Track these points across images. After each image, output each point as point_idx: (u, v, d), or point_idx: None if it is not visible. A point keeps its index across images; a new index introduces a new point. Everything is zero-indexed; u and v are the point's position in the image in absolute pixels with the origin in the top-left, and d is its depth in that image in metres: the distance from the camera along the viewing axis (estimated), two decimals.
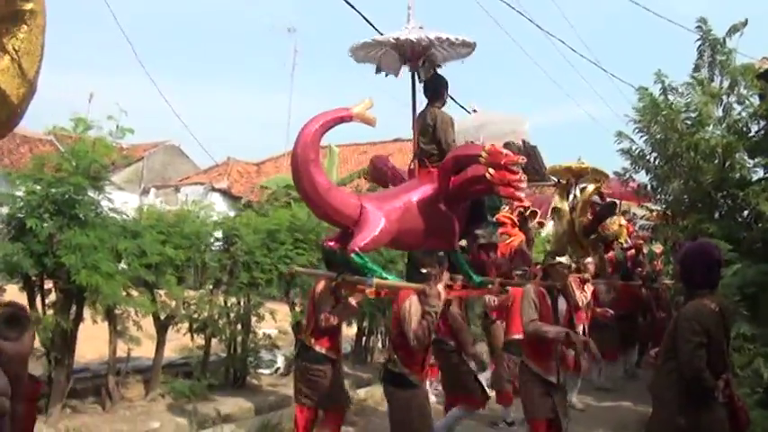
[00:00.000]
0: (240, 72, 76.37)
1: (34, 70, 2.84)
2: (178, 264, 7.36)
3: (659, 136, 8.62)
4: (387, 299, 6.77)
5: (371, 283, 5.06)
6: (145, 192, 24.14)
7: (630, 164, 9.18)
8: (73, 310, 6.50)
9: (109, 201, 6.72)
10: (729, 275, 6.73)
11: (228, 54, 77.14)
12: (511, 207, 7.97)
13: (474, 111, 7.69)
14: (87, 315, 6.73)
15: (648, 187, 9.35)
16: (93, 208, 6.44)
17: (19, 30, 2.73)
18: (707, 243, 4.96)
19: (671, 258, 10.60)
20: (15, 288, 6.46)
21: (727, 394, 4.11)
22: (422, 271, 5.12)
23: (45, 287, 6.53)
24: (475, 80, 7.21)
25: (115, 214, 6.80)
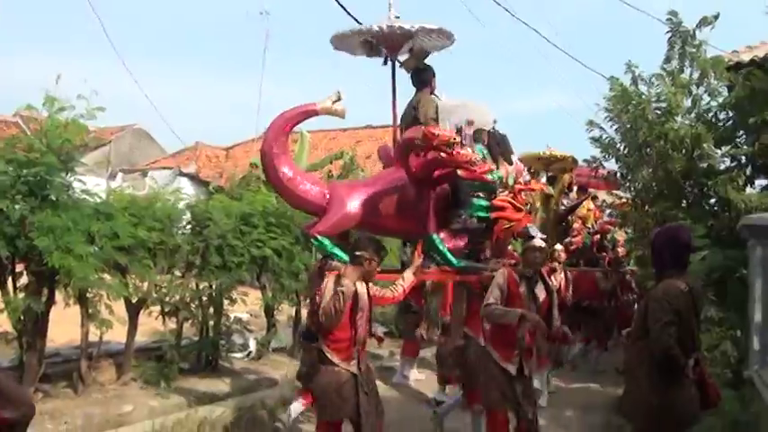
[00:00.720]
0: (210, 56, 75.36)
1: None
2: (150, 246, 7.30)
3: (629, 125, 8.74)
4: None
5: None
6: (112, 176, 23.75)
7: (600, 152, 9.30)
8: (45, 293, 6.42)
9: (81, 182, 6.64)
10: (698, 261, 6.90)
11: (198, 37, 76.11)
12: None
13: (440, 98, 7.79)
14: (59, 298, 6.66)
15: (618, 175, 9.50)
16: (65, 189, 6.35)
17: None
18: (676, 226, 5.10)
19: (633, 246, 10.85)
20: None
21: (697, 372, 4.23)
22: (355, 253, 5.15)
23: (16, 270, 6.44)
24: (446, 68, 7.27)
25: (87, 196, 6.72)
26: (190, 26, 74.64)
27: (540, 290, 5.48)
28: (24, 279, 6.41)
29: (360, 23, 8.41)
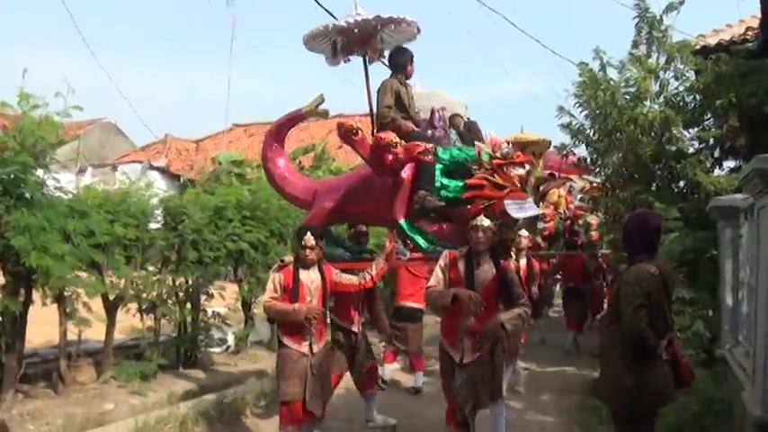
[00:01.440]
0: (177, 47, 74.62)
1: None
2: (126, 243, 7.27)
3: (599, 111, 8.85)
4: None
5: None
6: (81, 171, 23.47)
7: (571, 137, 9.40)
8: (22, 293, 6.36)
9: (55, 180, 6.58)
10: (669, 243, 7.04)
11: (164, 29, 75.23)
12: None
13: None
14: (36, 298, 6.60)
15: (588, 160, 9.60)
16: (39, 188, 6.25)
17: None
18: (646, 211, 5.21)
19: (606, 230, 11.02)
20: None
21: (670, 352, 4.34)
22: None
23: None
24: (416, 55, 7.29)
25: (61, 194, 6.66)
26: (157, 16, 73.75)
27: (486, 270, 5.22)
28: (1, 279, 6.34)
29: (329, 12, 8.46)
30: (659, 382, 4.30)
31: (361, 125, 6.03)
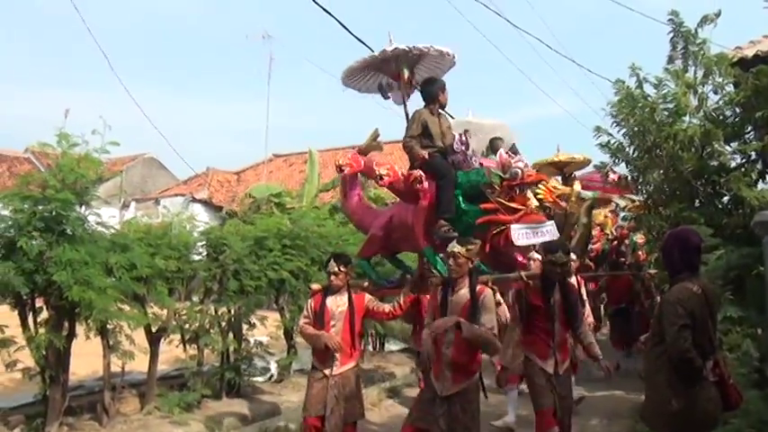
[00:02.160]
0: (216, 81, 76.04)
1: None
2: (168, 275, 7.37)
3: (637, 128, 8.71)
4: None
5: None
6: (125, 206, 23.98)
7: (610, 157, 9.27)
8: (65, 327, 6.48)
9: (96, 215, 6.71)
10: (714, 260, 6.86)
11: (203, 64, 76.82)
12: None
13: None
14: (80, 331, 6.72)
15: (629, 178, 9.45)
16: (81, 223, 6.42)
17: None
18: (685, 229, 5.08)
19: (651, 248, 10.80)
20: (7, 308, 6.46)
21: (717, 373, 4.21)
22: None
23: (36, 305, 6.51)
24: (452, 80, 7.37)
25: (103, 228, 6.80)
26: (193, 53, 75.30)
27: (462, 296, 5.17)
28: (45, 314, 6.47)
29: (361, 41, 8.56)
30: (706, 405, 4.16)
31: (348, 160, 6.20)
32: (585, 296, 8.89)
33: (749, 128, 8.38)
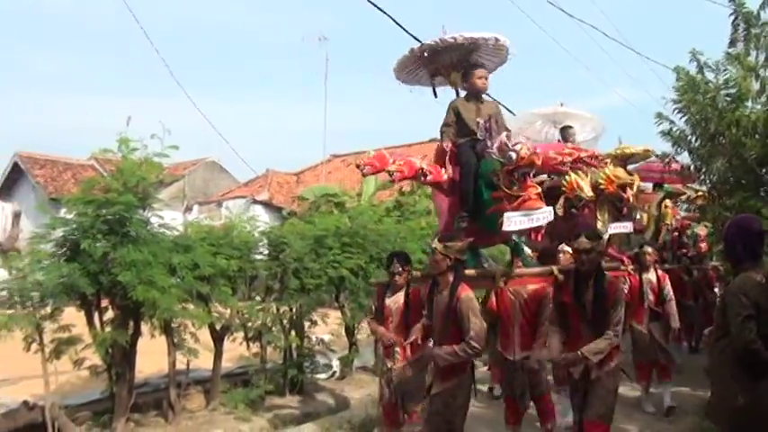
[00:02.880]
0: (274, 84, 77.08)
1: None
2: (230, 274, 7.52)
3: (699, 115, 8.48)
4: None
5: None
6: (188, 209, 24.46)
7: (672, 145, 9.04)
8: (131, 326, 6.68)
9: (159, 217, 6.89)
10: None
11: (260, 67, 77.93)
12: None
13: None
14: (145, 330, 6.91)
15: (692, 168, 9.20)
16: (143, 225, 6.61)
17: None
18: (746, 216, 4.92)
19: (715, 240, 10.49)
20: (73, 309, 6.69)
21: None
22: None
23: (102, 305, 6.74)
24: (509, 73, 7.27)
25: (165, 230, 6.98)
26: (250, 57, 76.40)
27: (444, 296, 4.92)
28: (110, 313, 6.67)
29: (417, 39, 8.47)
30: None
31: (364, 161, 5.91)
32: (671, 294, 8.33)
33: None
